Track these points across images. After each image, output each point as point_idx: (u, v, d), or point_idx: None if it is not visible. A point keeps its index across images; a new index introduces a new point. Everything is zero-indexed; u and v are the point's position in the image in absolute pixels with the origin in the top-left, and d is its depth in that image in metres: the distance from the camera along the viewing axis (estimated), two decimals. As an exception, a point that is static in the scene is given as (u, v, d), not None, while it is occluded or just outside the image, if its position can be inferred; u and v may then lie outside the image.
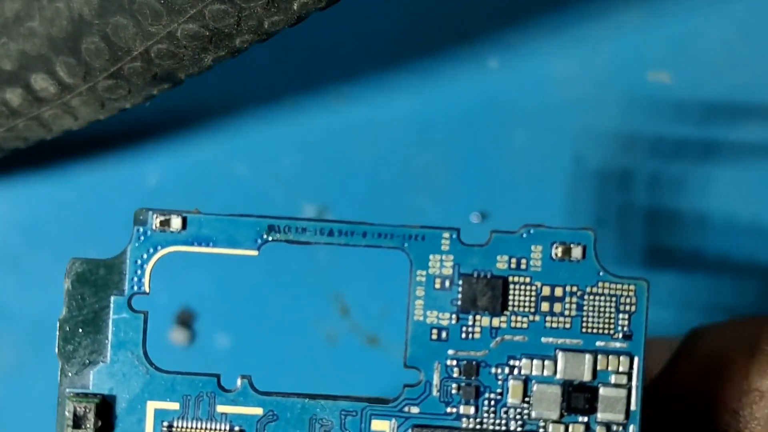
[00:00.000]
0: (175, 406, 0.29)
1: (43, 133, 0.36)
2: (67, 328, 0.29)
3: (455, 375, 0.29)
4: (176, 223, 0.29)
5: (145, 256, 0.29)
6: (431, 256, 0.29)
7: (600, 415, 0.29)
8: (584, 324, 0.29)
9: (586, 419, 0.29)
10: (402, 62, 0.43)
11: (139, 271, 0.29)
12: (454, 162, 0.42)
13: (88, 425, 0.28)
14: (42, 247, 0.42)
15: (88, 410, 0.28)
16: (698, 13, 0.43)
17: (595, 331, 0.29)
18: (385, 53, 0.43)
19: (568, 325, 0.29)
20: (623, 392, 0.29)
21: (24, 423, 0.41)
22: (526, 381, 0.29)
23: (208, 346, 0.42)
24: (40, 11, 0.32)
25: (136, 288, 0.29)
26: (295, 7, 0.30)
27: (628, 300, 0.29)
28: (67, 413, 0.28)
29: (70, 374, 0.29)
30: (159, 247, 0.29)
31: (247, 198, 0.42)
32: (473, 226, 0.30)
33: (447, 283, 0.29)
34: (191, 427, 0.29)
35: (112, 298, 0.29)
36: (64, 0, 0.31)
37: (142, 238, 0.29)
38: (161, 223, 0.29)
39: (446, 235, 0.29)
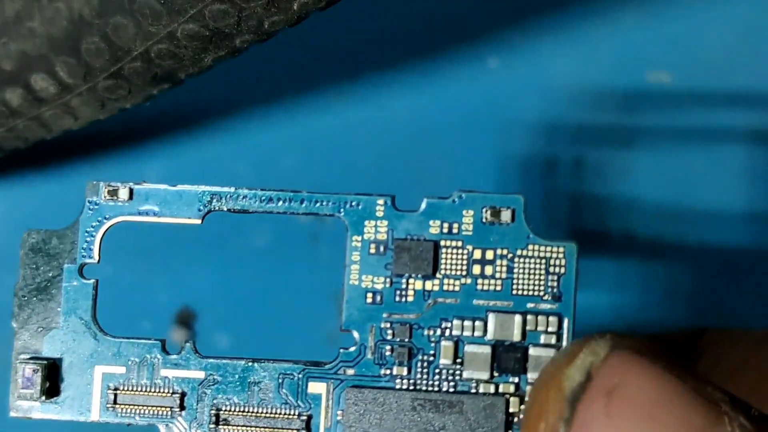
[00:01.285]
0: (121, 369, 0.30)
1: (43, 133, 0.36)
2: (23, 296, 0.30)
3: (389, 337, 0.29)
4: (123, 193, 0.30)
5: (95, 224, 0.30)
6: (366, 222, 0.30)
7: (530, 375, 0.29)
8: (515, 286, 0.29)
9: (516, 379, 0.29)
10: (402, 62, 0.43)
11: (89, 239, 0.30)
12: (454, 162, 0.42)
13: (36, 387, 0.29)
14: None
15: (36, 372, 0.29)
16: (698, 13, 0.43)
17: (525, 293, 0.29)
18: (385, 53, 0.43)
19: (498, 288, 0.29)
20: (552, 352, 0.29)
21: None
22: (458, 342, 0.29)
23: (208, 346, 0.42)
24: (40, 11, 0.32)
25: (86, 257, 0.30)
26: (295, 7, 0.30)
27: (557, 262, 0.29)
28: (17, 376, 0.29)
29: (23, 339, 0.30)
30: (108, 217, 0.30)
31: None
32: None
33: (381, 248, 0.30)
34: (136, 391, 0.30)
35: (64, 267, 0.30)
36: (64, 0, 0.31)
37: (92, 208, 0.30)
38: (109, 193, 0.30)
39: (381, 201, 0.30)
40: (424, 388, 0.29)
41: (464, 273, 0.30)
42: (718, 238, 0.42)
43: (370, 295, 0.30)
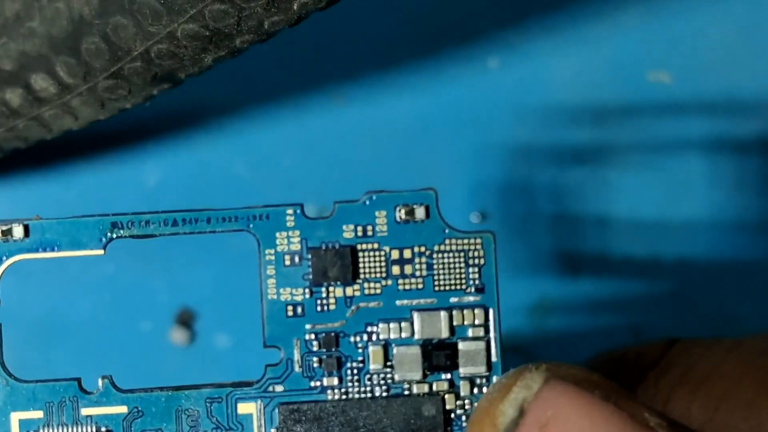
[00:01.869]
0: (38, 414, 0.28)
1: (43, 133, 0.36)
2: None
3: (315, 348, 0.29)
4: (18, 231, 0.29)
5: None
6: (278, 234, 0.29)
7: (462, 370, 0.29)
8: (436, 282, 0.29)
9: (449, 376, 0.29)
10: (402, 62, 0.43)
11: None
12: (453, 162, 0.42)
13: None
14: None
15: None
16: (698, 13, 0.43)
17: (447, 288, 0.29)
18: (385, 53, 0.43)
19: (420, 286, 0.29)
20: (482, 345, 0.29)
21: None
22: (386, 345, 0.29)
23: (208, 346, 0.42)
24: (40, 11, 0.32)
25: None
26: (295, 7, 0.30)
27: (476, 254, 0.29)
28: None
29: None
30: (4, 258, 0.29)
31: (247, 198, 0.42)
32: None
33: (296, 259, 0.29)
34: None
35: None
36: (64, 0, 0.31)
37: None
38: (2, 233, 0.29)
39: (290, 211, 0.29)
40: (356, 396, 0.29)
41: (384, 275, 0.29)
42: (715, 245, 0.42)
43: (290, 308, 0.29)
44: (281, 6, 0.30)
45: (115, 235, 0.29)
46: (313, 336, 0.29)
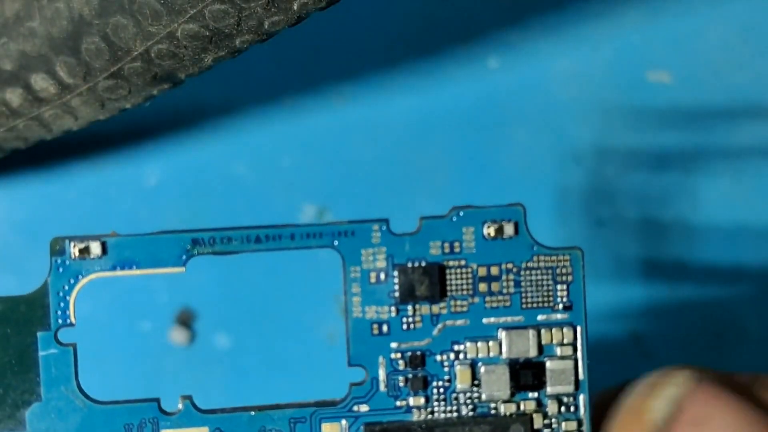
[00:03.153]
0: None
1: (43, 133, 0.36)
2: None
3: (401, 368, 0.29)
4: (95, 249, 0.28)
5: (66, 287, 0.28)
6: (363, 251, 0.29)
7: (550, 389, 0.29)
8: (524, 300, 0.29)
9: (536, 394, 0.29)
10: (402, 62, 0.43)
11: (62, 303, 0.28)
12: (454, 162, 0.42)
13: None
14: (42, 247, 0.42)
15: None
16: (698, 13, 0.43)
17: (535, 305, 0.29)
18: (385, 53, 0.43)
19: (507, 303, 0.29)
20: (570, 363, 0.29)
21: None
22: (473, 364, 0.29)
23: (208, 346, 0.42)
24: (40, 11, 0.32)
25: (61, 321, 0.28)
26: (295, 7, 0.30)
27: (564, 271, 0.29)
28: None
29: (2, 419, 0.28)
30: (80, 276, 0.28)
31: (247, 198, 0.42)
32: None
33: (382, 276, 0.29)
34: None
35: (38, 334, 0.28)
36: (64, 0, 0.31)
37: (61, 269, 0.28)
38: (80, 251, 0.28)
39: (375, 227, 0.29)
40: (442, 415, 0.29)
41: (471, 292, 0.29)
42: (717, 249, 0.42)
43: (375, 326, 0.29)
44: (281, 6, 0.30)
45: (196, 252, 0.28)
46: (399, 355, 0.29)
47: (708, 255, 0.42)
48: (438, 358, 0.29)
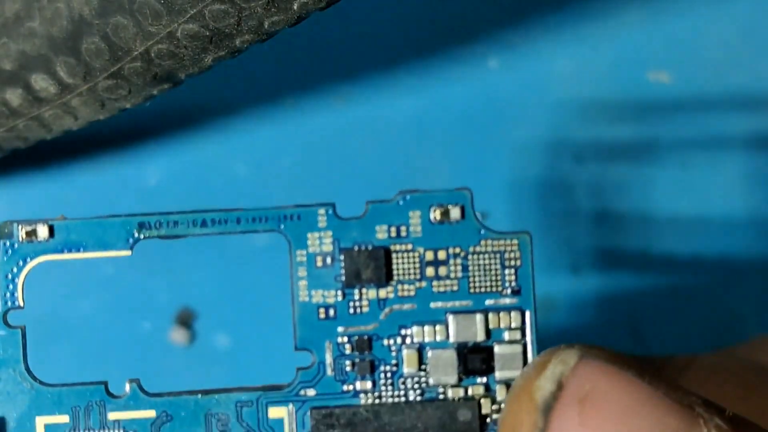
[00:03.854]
0: (64, 419, 0.28)
1: (43, 133, 0.36)
2: None
3: (348, 352, 0.29)
4: (43, 231, 0.28)
5: (15, 269, 0.28)
6: (309, 234, 0.29)
7: (498, 374, 0.29)
8: (471, 284, 0.29)
9: (485, 379, 0.29)
10: (402, 62, 0.43)
11: (10, 286, 0.28)
12: (454, 162, 0.42)
13: None
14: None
15: None
16: (698, 13, 0.43)
17: (483, 290, 0.29)
18: (385, 53, 0.43)
19: (455, 288, 0.29)
20: (518, 348, 0.29)
21: None
22: (420, 349, 0.29)
23: (208, 346, 0.42)
24: (40, 11, 0.32)
25: (9, 303, 0.28)
26: (295, 7, 0.30)
27: (512, 255, 0.29)
28: None
29: None
30: (28, 259, 0.28)
31: (247, 198, 0.42)
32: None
33: (329, 260, 0.29)
34: None
35: None
36: (64, 0, 0.31)
37: (10, 251, 0.28)
38: (27, 233, 0.28)
39: (322, 211, 0.29)
40: (390, 400, 0.28)
41: (418, 276, 0.29)
42: (719, 244, 0.42)
43: (322, 310, 0.29)
44: (281, 6, 0.30)
45: (142, 236, 0.28)
46: (345, 339, 0.29)
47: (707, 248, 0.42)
48: (385, 342, 0.29)
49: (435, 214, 0.29)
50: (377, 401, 0.29)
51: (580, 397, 0.25)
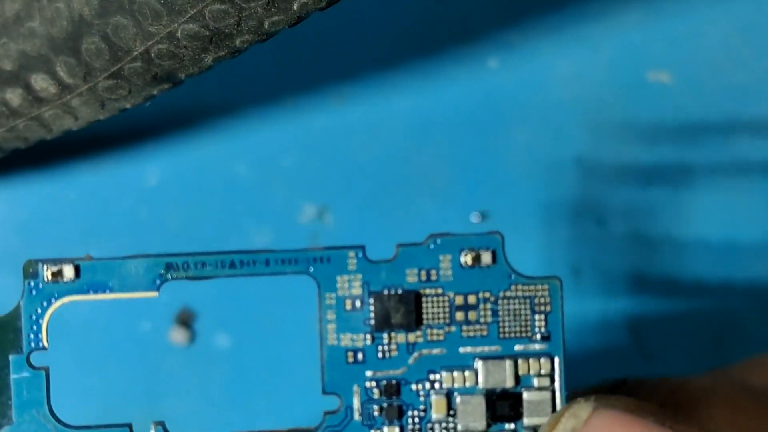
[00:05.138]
0: None
1: (43, 133, 0.36)
2: None
3: (376, 396, 0.28)
4: (69, 272, 0.28)
5: (39, 310, 0.28)
6: (338, 277, 0.28)
7: (526, 420, 0.28)
8: (501, 329, 0.28)
9: (513, 426, 0.28)
10: (402, 62, 0.43)
11: (35, 327, 0.28)
12: (454, 162, 0.42)
13: None
14: (42, 247, 0.42)
15: None
16: (698, 13, 0.43)
17: (512, 335, 0.29)
18: (385, 53, 0.43)
19: (485, 333, 0.28)
20: (547, 394, 0.28)
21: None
22: (449, 394, 0.28)
23: (208, 346, 0.42)
24: (40, 11, 0.32)
25: (33, 345, 0.28)
26: (295, 7, 0.30)
27: (542, 300, 0.28)
28: None
29: None
30: (53, 300, 0.28)
31: (247, 198, 0.42)
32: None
33: (358, 303, 0.28)
34: None
35: (10, 357, 0.28)
36: (64, 0, 0.31)
37: (34, 291, 0.28)
38: (53, 274, 0.28)
39: (351, 254, 0.28)
40: None
41: (447, 321, 0.28)
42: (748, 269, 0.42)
43: (350, 353, 0.28)
44: (281, 6, 0.30)
45: (170, 276, 0.28)
46: (374, 383, 0.28)
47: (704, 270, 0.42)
48: (413, 387, 0.28)
49: (466, 259, 0.28)
50: None
51: None
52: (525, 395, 0.28)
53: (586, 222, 0.42)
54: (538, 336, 0.29)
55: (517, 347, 0.29)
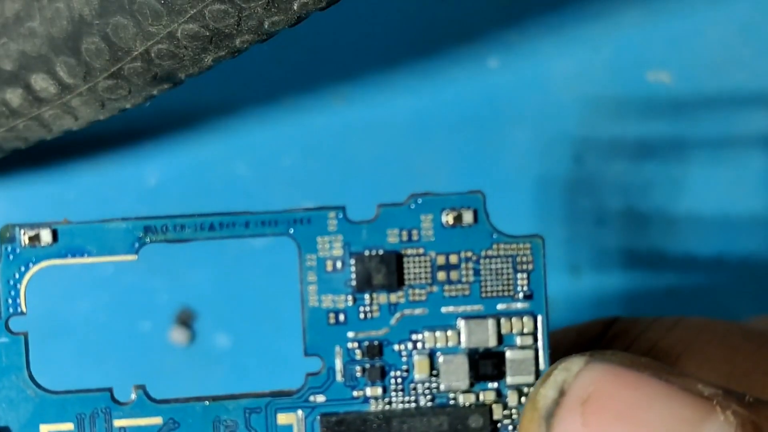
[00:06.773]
0: (69, 426, 0.27)
1: (43, 133, 0.36)
2: None
3: (358, 357, 0.28)
4: (46, 236, 0.27)
5: (17, 275, 0.27)
6: (319, 239, 0.28)
7: (509, 379, 0.28)
8: (483, 289, 0.28)
9: (496, 385, 0.28)
10: (402, 62, 0.43)
11: (12, 292, 0.27)
12: (454, 162, 0.42)
13: None
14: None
15: None
16: (698, 13, 0.43)
17: (495, 294, 0.28)
18: (385, 53, 0.43)
19: (467, 292, 0.28)
20: (530, 353, 0.28)
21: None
22: (431, 354, 0.28)
23: (208, 346, 0.42)
24: (41, 11, 0.32)
25: (11, 310, 0.27)
26: (295, 7, 0.30)
27: (524, 259, 0.28)
28: None
29: None
30: (30, 264, 0.27)
31: (247, 198, 0.42)
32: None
33: (339, 264, 0.28)
34: None
35: None
36: (64, 0, 0.31)
37: (11, 256, 0.27)
38: (30, 238, 0.27)
39: (332, 214, 0.28)
40: (400, 405, 0.28)
41: (429, 281, 0.28)
42: (719, 243, 0.42)
43: (332, 315, 0.28)
44: (281, 6, 0.30)
45: (148, 240, 0.28)
46: (356, 344, 0.28)
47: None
48: (396, 347, 0.28)
49: (447, 218, 0.28)
50: (388, 407, 0.28)
51: (582, 399, 0.25)
52: (508, 354, 0.28)
53: (586, 222, 0.42)
54: (521, 295, 0.28)
55: (500, 306, 0.28)
